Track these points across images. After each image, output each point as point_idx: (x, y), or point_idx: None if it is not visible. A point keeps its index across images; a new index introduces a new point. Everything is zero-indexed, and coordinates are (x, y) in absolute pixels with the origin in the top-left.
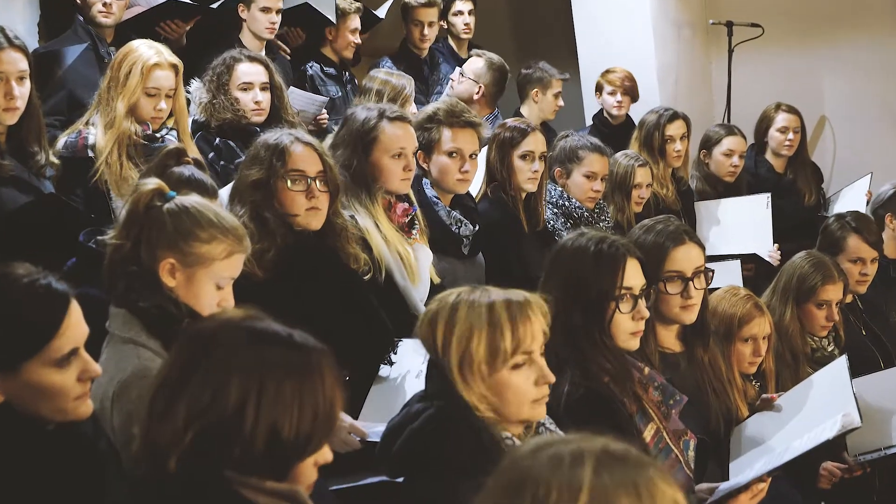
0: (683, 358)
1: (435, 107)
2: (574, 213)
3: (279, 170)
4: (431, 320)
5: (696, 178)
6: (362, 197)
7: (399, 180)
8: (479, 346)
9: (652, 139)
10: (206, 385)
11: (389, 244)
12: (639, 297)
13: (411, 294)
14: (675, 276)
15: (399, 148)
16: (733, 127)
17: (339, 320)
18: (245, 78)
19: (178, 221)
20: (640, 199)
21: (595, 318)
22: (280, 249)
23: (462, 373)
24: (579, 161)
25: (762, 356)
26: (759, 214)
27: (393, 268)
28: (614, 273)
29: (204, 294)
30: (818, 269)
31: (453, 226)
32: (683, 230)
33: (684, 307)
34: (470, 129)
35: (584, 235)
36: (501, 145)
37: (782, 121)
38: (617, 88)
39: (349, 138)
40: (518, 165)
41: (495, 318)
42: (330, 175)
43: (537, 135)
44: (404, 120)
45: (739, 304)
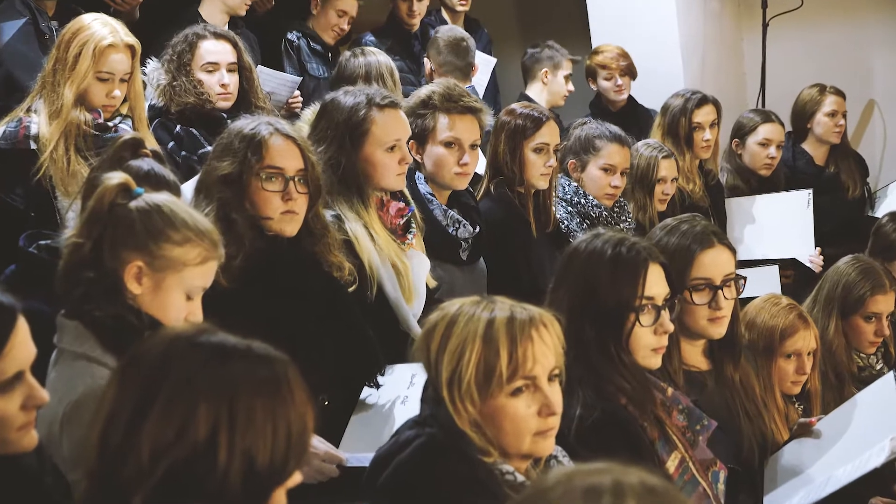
0: (710, 377)
1: (429, 90)
2: (590, 213)
3: (254, 165)
4: (428, 332)
5: (726, 171)
6: (353, 200)
7: (395, 176)
8: (469, 364)
9: (677, 127)
10: (169, 416)
11: (382, 252)
12: (662, 309)
13: (403, 309)
14: (702, 285)
15: (394, 139)
16: (770, 113)
17: (318, 337)
18: (210, 57)
19: (148, 220)
20: (664, 195)
21: (612, 331)
22: (248, 256)
23: (451, 394)
24: (596, 152)
25: (807, 374)
26: (800, 213)
27: (385, 280)
28: (634, 280)
29: (172, 304)
30: (867, 277)
31: (450, 227)
32: (712, 231)
33: (713, 320)
34: (470, 115)
35: (599, 237)
36: (512, 135)
37: (832, 104)
38: (613, 71)
39: (334, 132)
40: (531, 159)
41: (492, 334)
42: (311, 174)
43: (552, 125)
44: (396, 106)
45: (781, 314)
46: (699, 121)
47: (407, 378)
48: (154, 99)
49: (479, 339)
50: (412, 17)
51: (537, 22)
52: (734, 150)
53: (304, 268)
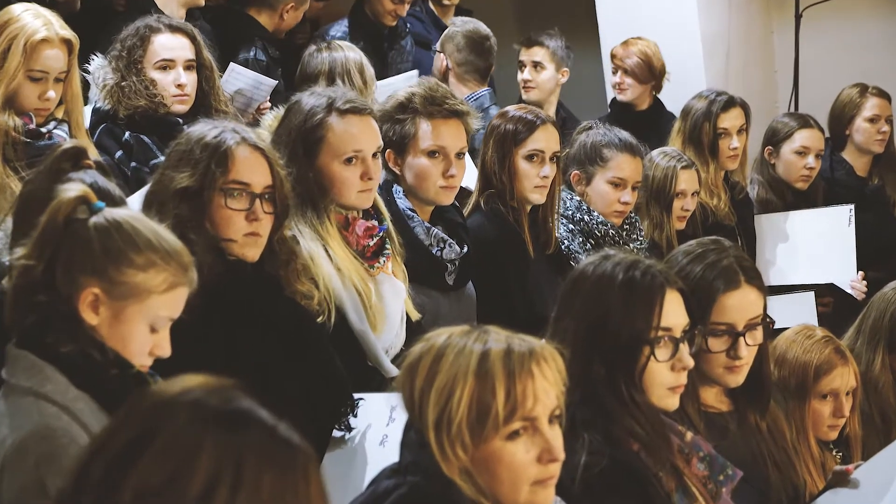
0: (733, 419)
1: (409, 92)
2: (596, 231)
3: (217, 178)
4: (412, 366)
5: (757, 183)
6: (307, 213)
7: (356, 193)
8: (460, 403)
9: (700, 133)
10: (164, 460)
11: (344, 276)
12: (680, 341)
13: (370, 342)
14: (722, 330)
15: (353, 150)
16: (808, 117)
17: (286, 373)
18: (164, 54)
19: (107, 240)
20: (683, 211)
21: (623, 367)
22: (206, 282)
23: (438, 437)
24: (604, 163)
25: (845, 417)
26: (840, 232)
27: (348, 307)
28: (649, 309)
29: (134, 336)
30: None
31: (434, 247)
32: (740, 266)
33: (730, 368)
34: (455, 120)
35: (609, 259)
36: (501, 141)
37: (873, 107)
38: (618, 66)
39: (288, 136)
40: (523, 169)
41: (487, 369)
42: (279, 192)
43: (549, 129)
44: (361, 112)
45: (816, 349)
46: (725, 126)
47: (385, 412)
48: (99, 101)
49: (471, 374)
50: (397, 11)
51: (537, 14)
52: (766, 159)
53: (270, 296)
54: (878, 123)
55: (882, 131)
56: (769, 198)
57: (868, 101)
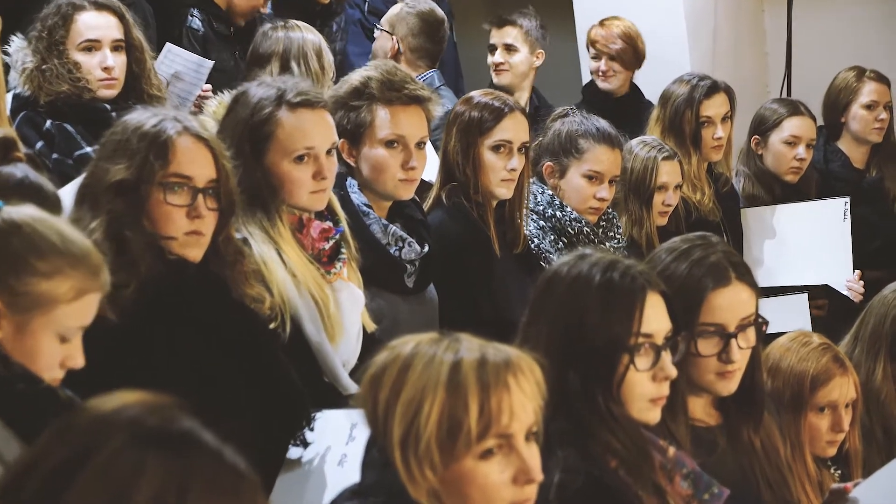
0: (722, 433)
1: (364, 75)
2: (569, 229)
3: (157, 171)
4: (375, 378)
5: (743, 175)
6: (257, 214)
7: (308, 194)
8: (429, 419)
9: (681, 121)
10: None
11: (299, 283)
12: (662, 349)
13: (328, 355)
14: (711, 332)
15: (304, 148)
16: (798, 103)
17: (232, 383)
18: (89, 34)
19: (6, 246)
20: (664, 206)
21: (600, 376)
22: (144, 284)
23: (404, 456)
24: (579, 154)
25: (844, 431)
26: (834, 228)
27: (304, 316)
28: (628, 313)
29: (41, 350)
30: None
31: (392, 247)
32: (730, 262)
33: (722, 374)
34: (416, 106)
35: (585, 259)
36: (465, 131)
37: (870, 93)
38: (601, 51)
39: (234, 130)
40: (489, 161)
41: (458, 381)
42: (224, 186)
43: (517, 117)
44: (314, 105)
45: (812, 357)
46: (709, 114)
47: (345, 429)
48: (18, 87)
49: (441, 386)
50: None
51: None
52: (753, 149)
53: (216, 299)
54: (875, 110)
55: (880, 119)
56: (756, 192)
57: (865, 86)
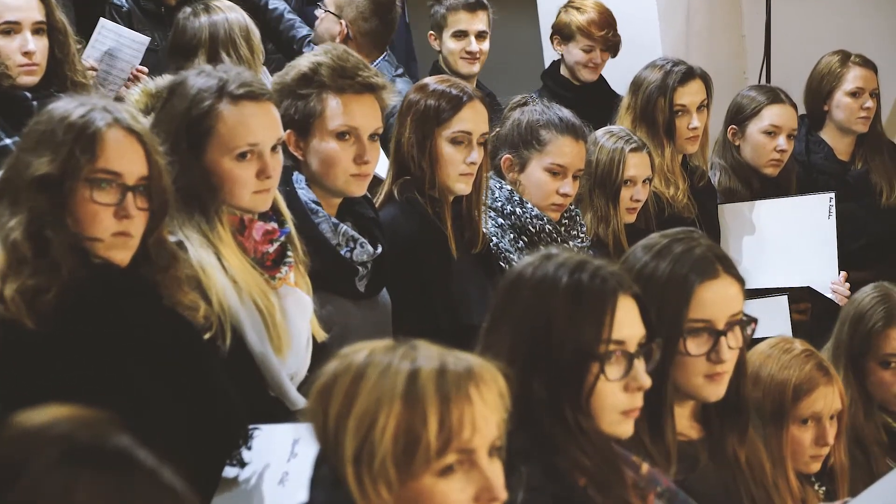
0: (703, 447)
1: (313, 61)
2: (529, 227)
3: (83, 167)
4: (325, 389)
5: (719, 168)
6: (194, 216)
7: (250, 194)
8: (384, 433)
9: (654, 110)
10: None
11: (241, 289)
12: (635, 357)
13: (273, 367)
14: (700, 328)
15: (247, 144)
16: (778, 91)
17: (163, 397)
18: (8, 15)
19: None
20: (633, 202)
21: (567, 387)
22: (65, 289)
23: (357, 473)
24: (541, 146)
25: (829, 445)
26: (818, 225)
27: (246, 326)
28: (598, 318)
29: None
30: (879, 306)
31: (343, 247)
32: (716, 255)
33: (711, 377)
34: (369, 95)
35: (551, 259)
36: (421, 121)
37: (855, 79)
38: (594, 42)
39: (170, 124)
40: (447, 154)
41: (416, 392)
42: (155, 184)
43: (477, 106)
44: (258, 97)
45: (794, 365)
46: (684, 102)
47: (286, 446)
48: None
49: (398, 398)
50: None
51: None
52: (730, 140)
53: (145, 306)
54: (861, 98)
55: (866, 107)
56: (733, 186)
57: (850, 72)
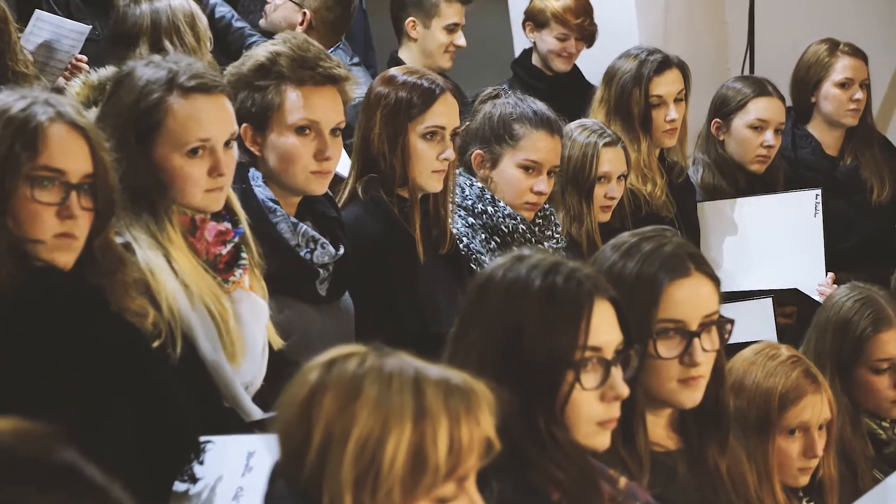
0: (682, 458)
1: (272, 51)
2: (502, 227)
3: (23, 164)
4: (307, 403)
5: (701, 164)
6: (143, 216)
7: (202, 192)
8: (397, 457)
9: (629, 102)
10: None
11: (192, 294)
12: (612, 364)
13: (226, 376)
14: (670, 329)
15: (198, 139)
16: (766, 82)
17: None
18: None
19: None
20: (607, 199)
21: (541, 396)
22: (4, 293)
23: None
24: (514, 141)
25: (818, 457)
26: (805, 224)
27: (198, 332)
28: (574, 323)
29: None
30: (865, 309)
31: (303, 249)
32: (688, 253)
33: (685, 381)
34: (331, 87)
35: (523, 261)
36: (392, 115)
37: (844, 69)
38: (570, 31)
39: (117, 118)
40: (419, 150)
41: (426, 410)
42: (101, 183)
43: (449, 100)
44: (210, 90)
45: (780, 372)
46: (660, 93)
47: (241, 459)
48: None
49: (408, 418)
50: None
51: None
52: (714, 135)
53: (90, 312)
54: (850, 89)
55: (855, 99)
56: (717, 183)
57: (839, 62)
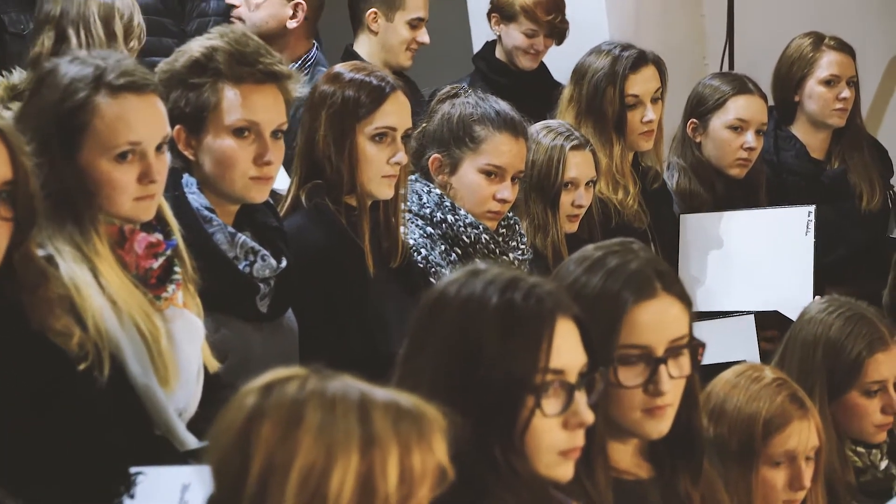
0: (655, 487)
1: (207, 45)
2: (464, 237)
3: None
4: (244, 430)
5: (677, 168)
6: (66, 226)
7: (131, 201)
8: (343, 490)
9: (601, 102)
10: None
11: (121, 311)
12: (575, 388)
13: (159, 401)
14: (635, 356)
15: (128, 143)
16: (746, 79)
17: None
18: None
19: None
20: (575, 208)
21: (498, 423)
22: None
23: None
24: (475, 144)
25: (805, 489)
26: (794, 243)
27: (127, 353)
28: (534, 344)
29: None
30: (858, 328)
31: (242, 261)
32: (655, 271)
33: (650, 411)
34: (272, 85)
35: (479, 276)
36: (338, 116)
37: (830, 65)
38: (539, 28)
39: (39, 119)
40: (368, 153)
41: (374, 437)
42: (23, 191)
43: (400, 99)
44: (141, 89)
45: (764, 396)
46: (636, 92)
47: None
48: None
49: (355, 446)
50: None
51: None
52: (690, 136)
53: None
54: (836, 87)
55: (842, 98)
56: (693, 188)
57: (824, 57)
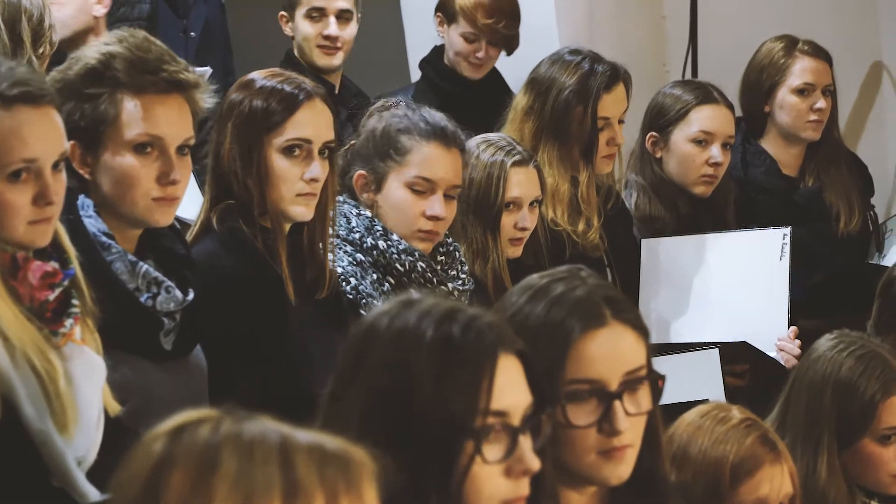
0: None
1: (103, 52)
2: (398, 265)
3: None
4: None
5: (636, 187)
6: None
7: (25, 225)
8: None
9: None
10: None
11: (14, 348)
12: (520, 431)
13: (56, 449)
14: (585, 392)
15: (22, 160)
16: (710, 88)
17: None
18: None
19: None
20: (518, 230)
21: (434, 470)
22: None
23: None
24: (400, 156)
25: None
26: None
27: (20, 396)
28: (473, 383)
29: None
30: (871, 368)
31: (143, 293)
32: (604, 297)
33: (607, 454)
34: (177, 96)
35: (412, 307)
36: (246, 127)
37: (804, 72)
38: (479, 32)
39: None
40: (278, 168)
41: (297, 480)
42: None
43: (317, 106)
44: (37, 100)
45: (732, 438)
46: (607, 114)
47: None
48: None
49: (277, 494)
50: None
51: None
52: (650, 151)
53: None
54: (811, 96)
55: (817, 108)
56: (653, 210)
57: (797, 63)
